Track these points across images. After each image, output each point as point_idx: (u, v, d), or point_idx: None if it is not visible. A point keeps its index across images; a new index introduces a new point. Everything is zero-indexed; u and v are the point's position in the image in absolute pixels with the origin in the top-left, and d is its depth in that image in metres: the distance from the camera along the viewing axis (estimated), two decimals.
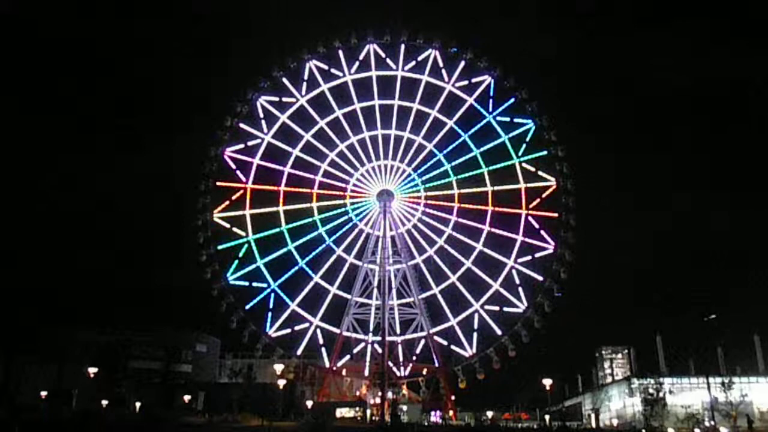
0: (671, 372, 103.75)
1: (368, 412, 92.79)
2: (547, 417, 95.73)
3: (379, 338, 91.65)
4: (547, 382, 71.15)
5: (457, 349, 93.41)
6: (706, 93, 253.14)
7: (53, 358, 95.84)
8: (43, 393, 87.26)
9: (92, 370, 75.88)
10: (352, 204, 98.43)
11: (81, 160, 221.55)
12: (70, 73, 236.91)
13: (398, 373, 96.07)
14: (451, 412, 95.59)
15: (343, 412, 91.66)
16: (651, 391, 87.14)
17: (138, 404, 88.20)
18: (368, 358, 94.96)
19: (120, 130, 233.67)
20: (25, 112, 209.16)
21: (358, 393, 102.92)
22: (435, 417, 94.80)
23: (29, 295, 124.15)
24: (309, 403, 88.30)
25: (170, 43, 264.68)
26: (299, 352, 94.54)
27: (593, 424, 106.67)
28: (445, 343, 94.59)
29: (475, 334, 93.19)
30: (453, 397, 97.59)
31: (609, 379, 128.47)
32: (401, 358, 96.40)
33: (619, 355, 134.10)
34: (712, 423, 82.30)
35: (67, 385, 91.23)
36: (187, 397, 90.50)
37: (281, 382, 76.02)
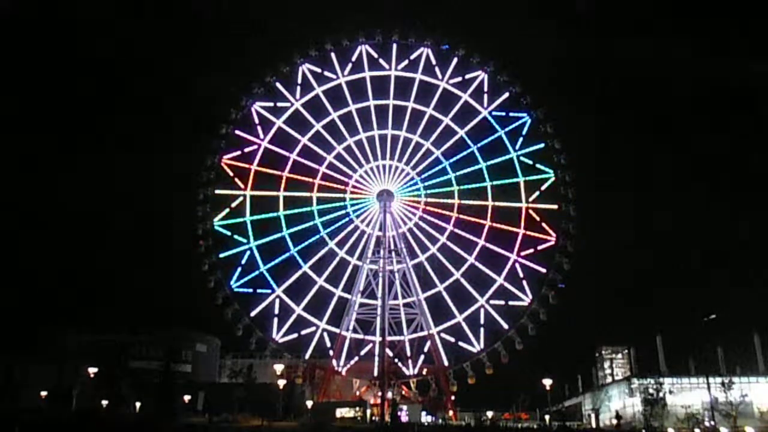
0: (671, 372, 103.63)
1: (368, 412, 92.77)
2: (547, 417, 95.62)
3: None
4: (547, 382, 71.13)
5: (465, 345, 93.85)
6: (708, 93, 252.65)
7: (53, 358, 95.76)
8: (43, 393, 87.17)
9: (92, 370, 75.82)
10: (353, 205, 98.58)
11: (78, 160, 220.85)
12: (67, 73, 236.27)
13: (407, 372, 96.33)
14: (451, 413, 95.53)
15: (343, 413, 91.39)
16: (651, 391, 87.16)
17: (138, 404, 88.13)
18: (377, 359, 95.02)
19: (118, 132, 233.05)
20: (24, 112, 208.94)
21: (358, 393, 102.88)
22: (428, 417, 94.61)
23: (29, 295, 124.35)
24: (309, 403, 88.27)
25: (164, 51, 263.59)
26: (307, 356, 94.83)
27: (593, 424, 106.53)
28: (452, 340, 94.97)
29: (482, 329, 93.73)
30: (453, 397, 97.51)
31: (609, 379, 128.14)
32: (409, 358, 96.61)
33: (619, 355, 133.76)
34: (712, 423, 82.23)
35: (67, 385, 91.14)
36: (187, 397, 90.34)
37: (281, 382, 76.06)
